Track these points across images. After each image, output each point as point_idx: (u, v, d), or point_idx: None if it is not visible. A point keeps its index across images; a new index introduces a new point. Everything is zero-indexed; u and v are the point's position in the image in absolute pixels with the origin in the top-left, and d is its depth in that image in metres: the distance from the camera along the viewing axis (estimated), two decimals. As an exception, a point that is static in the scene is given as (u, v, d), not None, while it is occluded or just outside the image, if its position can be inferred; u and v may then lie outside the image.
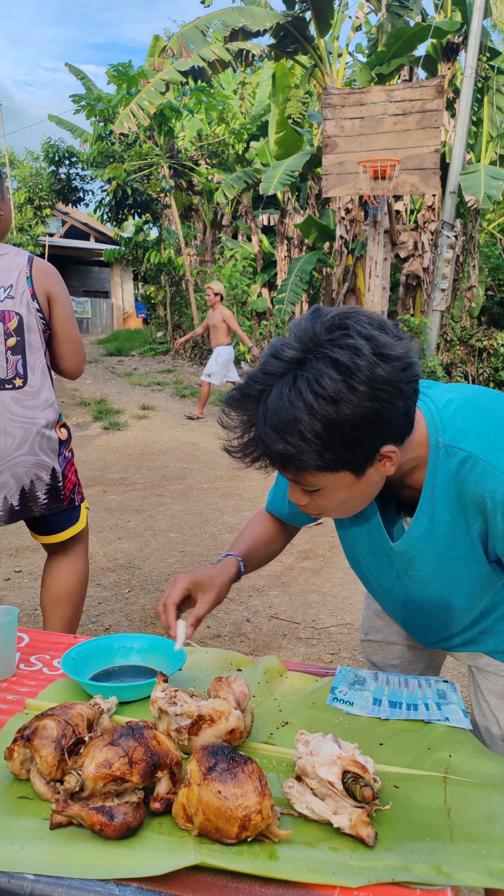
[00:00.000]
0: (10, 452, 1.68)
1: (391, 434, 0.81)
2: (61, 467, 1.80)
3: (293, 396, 0.76)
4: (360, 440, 0.78)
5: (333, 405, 0.75)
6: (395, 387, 0.78)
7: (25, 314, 1.70)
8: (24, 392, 1.69)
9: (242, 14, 10.02)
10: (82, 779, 0.77)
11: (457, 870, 0.70)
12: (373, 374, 0.76)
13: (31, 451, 1.71)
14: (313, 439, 0.77)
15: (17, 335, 1.67)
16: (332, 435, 0.77)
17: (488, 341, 10.72)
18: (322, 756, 0.79)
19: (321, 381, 0.75)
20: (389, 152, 8.49)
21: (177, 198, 11.93)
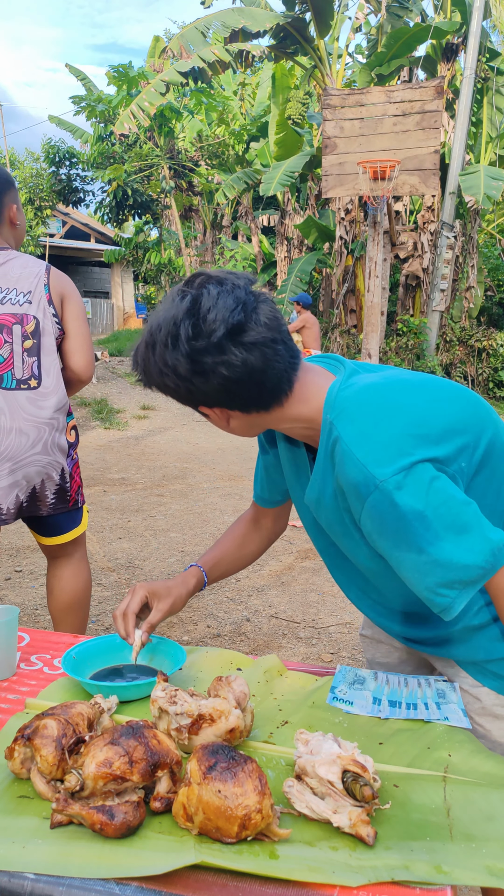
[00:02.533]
0: (25, 451, 1.73)
1: (200, 401, 0.91)
2: (69, 468, 1.85)
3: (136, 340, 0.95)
4: (164, 391, 0.92)
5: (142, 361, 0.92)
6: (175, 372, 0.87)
7: (42, 318, 1.77)
8: (39, 393, 1.75)
9: (242, 15, 10.03)
10: (83, 778, 0.77)
11: (456, 869, 0.70)
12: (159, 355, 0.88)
13: (45, 450, 1.75)
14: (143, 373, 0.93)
15: (33, 338, 1.75)
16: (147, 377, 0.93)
17: (487, 341, 10.73)
18: (322, 755, 0.79)
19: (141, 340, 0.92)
20: (389, 153, 8.49)
21: (177, 198, 11.94)
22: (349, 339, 10.91)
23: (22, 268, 1.78)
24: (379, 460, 0.83)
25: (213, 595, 3.20)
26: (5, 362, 1.72)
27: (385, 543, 0.87)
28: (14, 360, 1.72)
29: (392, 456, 0.83)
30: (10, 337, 1.73)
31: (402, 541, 0.84)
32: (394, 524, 0.84)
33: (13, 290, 1.76)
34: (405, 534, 0.83)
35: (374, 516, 0.85)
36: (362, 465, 0.84)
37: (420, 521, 0.82)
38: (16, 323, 1.74)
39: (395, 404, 0.88)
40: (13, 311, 1.74)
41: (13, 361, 1.72)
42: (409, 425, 0.86)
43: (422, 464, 0.83)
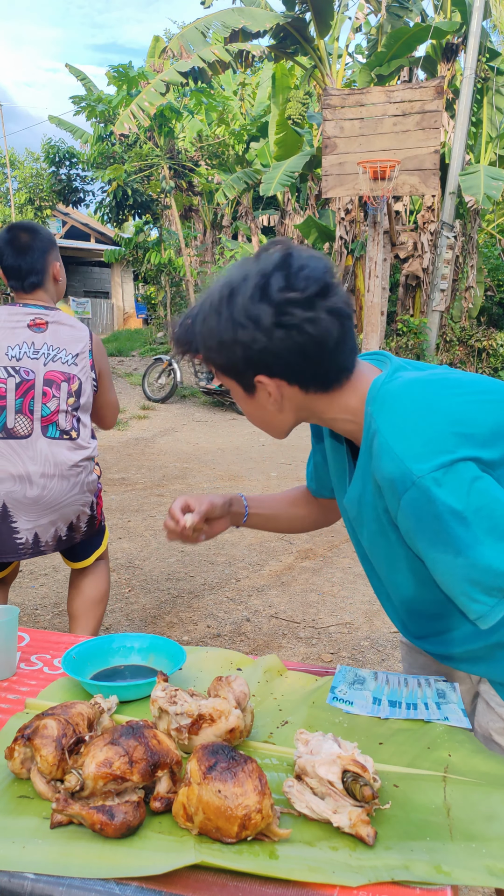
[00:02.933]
0: (65, 494, 1.94)
1: (263, 369, 0.87)
2: (95, 498, 2.07)
3: (200, 302, 0.91)
4: (224, 358, 0.88)
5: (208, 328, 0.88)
6: (257, 323, 0.83)
7: (84, 380, 2.00)
8: (77, 444, 1.96)
9: (242, 15, 10.03)
10: (83, 778, 0.77)
11: (456, 869, 0.70)
12: (235, 324, 0.84)
13: (80, 491, 1.97)
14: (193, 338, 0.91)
15: (76, 396, 1.97)
16: (205, 347, 0.89)
17: (487, 341, 10.73)
18: (322, 755, 0.79)
19: (213, 294, 0.88)
20: (389, 153, 8.49)
21: (177, 198, 11.93)
22: (349, 339, 10.91)
23: (70, 331, 1.99)
24: (418, 455, 0.80)
25: (213, 595, 3.20)
26: (51, 414, 1.91)
27: (422, 543, 0.84)
28: (59, 413, 1.91)
29: (432, 452, 0.80)
30: (58, 392, 1.92)
31: (438, 541, 0.81)
32: (431, 523, 0.80)
33: (63, 351, 1.96)
34: (442, 534, 0.80)
35: (410, 514, 0.82)
36: (400, 460, 0.81)
37: (459, 521, 0.79)
38: (63, 381, 1.93)
39: (440, 401, 0.84)
40: (62, 370, 1.94)
41: (58, 415, 1.91)
42: (454, 423, 0.82)
43: (464, 462, 0.79)
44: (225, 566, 3.58)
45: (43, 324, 1.95)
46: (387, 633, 2.84)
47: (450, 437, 0.81)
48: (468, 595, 0.83)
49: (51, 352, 1.94)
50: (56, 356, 1.94)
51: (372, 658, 2.61)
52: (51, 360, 1.93)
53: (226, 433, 7.79)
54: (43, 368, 1.92)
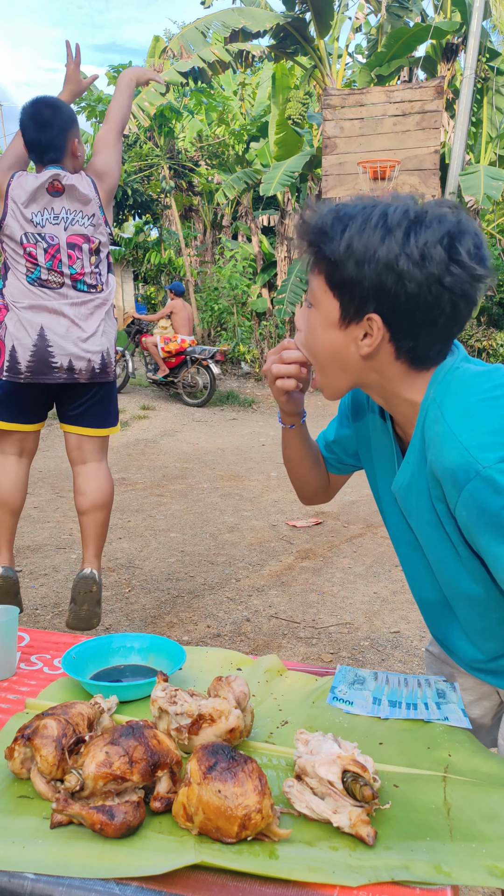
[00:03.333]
0: (92, 336, 2.22)
1: (385, 308, 0.83)
2: (114, 348, 2.32)
3: (361, 207, 0.85)
4: (358, 275, 0.82)
5: (367, 237, 0.82)
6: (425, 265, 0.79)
7: (102, 237, 2.24)
8: (103, 296, 2.24)
9: (242, 15, 10.03)
10: (83, 778, 0.77)
11: (456, 869, 0.70)
12: (404, 250, 0.80)
13: (108, 330, 2.29)
14: (347, 240, 0.83)
15: (96, 254, 2.22)
16: (348, 251, 0.82)
17: (487, 342, 10.74)
18: (322, 755, 0.79)
19: (386, 210, 0.83)
20: (389, 153, 8.50)
21: (177, 198, 11.94)
22: (349, 339, 10.93)
23: (83, 192, 2.16)
24: (484, 445, 0.77)
25: (213, 595, 3.20)
26: (77, 274, 2.18)
27: (483, 537, 0.80)
28: (84, 273, 2.18)
29: (500, 443, 0.77)
30: (81, 254, 2.17)
31: (501, 534, 0.77)
32: (495, 515, 0.77)
33: (79, 213, 2.17)
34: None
35: (472, 505, 0.79)
36: (464, 449, 0.78)
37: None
38: (84, 243, 2.18)
39: None
40: (81, 233, 2.18)
41: (84, 274, 2.18)
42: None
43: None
44: (225, 566, 3.58)
45: (61, 188, 2.13)
46: (387, 633, 2.84)
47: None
48: None
49: (69, 216, 2.15)
50: (74, 220, 2.16)
51: (372, 658, 2.61)
52: (70, 223, 2.15)
53: (226, 433, 7.79)
54: (64, 234, 2.14)
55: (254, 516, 4.48)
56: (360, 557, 3.72)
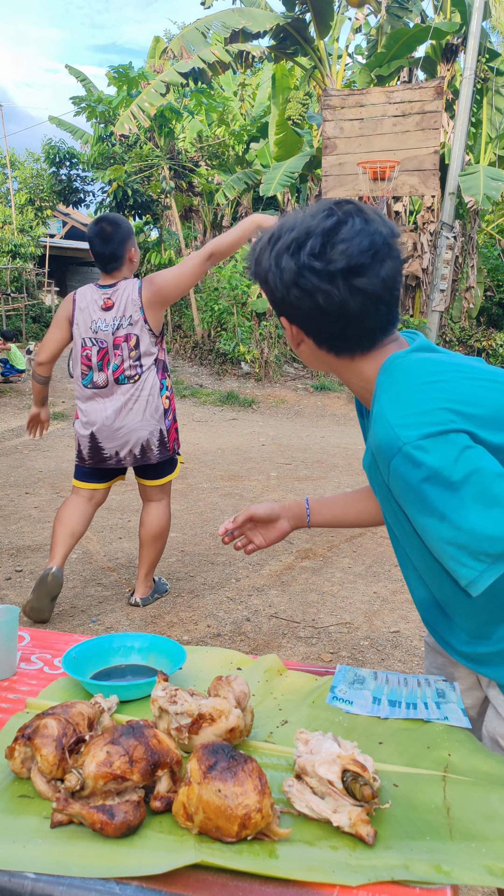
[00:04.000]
0: (136, 422, 2.71)
1: (281, 311, 0.94)
2: (167, 428, 2.78)
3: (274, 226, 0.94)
4: (265, 289, 0.94)
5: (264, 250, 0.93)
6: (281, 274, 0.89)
7: (140, 333, 2.67)
8: (138, 386, 2.70)
9: (242, 15, 10.04)
10: (83, 777, 0.77)
11: (456, 868, 0.70)
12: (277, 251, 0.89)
13: (148, 417, 2.72)
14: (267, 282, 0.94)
15: (136, 348, 2.68)
16: (255, 270, 0.95)
17: (487, 342, 10.74)
18: (322, 755, 0.79)
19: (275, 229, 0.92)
20: (389, 153, 8.50)
21: (177, 199, 11.94)
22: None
23: (129, 299, 2.65)
24: (408, 424, 0.81)
25: (213, 595, 3.20)
26: (118, 368, 2.68)
27: (410, 508, 0.85)
28: (124, 366, 2.68)
29: (423, 423, 0.81)
30: (121, 352, 2.67)
31: (424, 506, 0.81)
32: (416, 488, 0.81)
33: (125, 318, 2.66)
34: (427, 498, 0.81)
35: (397, 479, 0.83)
36: (390, 426, 0.83)
37: (444, 485, 0.79)
38: (124, 341, 2.67)
39: (445, 379, 0.85)
40: (124, 333, 2.67)
41: (124, 368, 2.68)
42: (454, 401, 0.82)
43: (457, 433, 0.80)
44: (225, 566, 3.58)
45: (111, 304, 2.67)
46: (387, 632, 2.84)
47: (444, 413, 0.82)
48: (456, 560, 0.83)
49: (115, 322, 2.66)
50: (120, 324, 2.66)
51: (372, 658, 2.61)
52: (116, 328, 2.67)
53: (226, 433, 7.79)
54: (111, 337, 2.67)
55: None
56: (360, 557, 3.72)
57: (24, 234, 15.21)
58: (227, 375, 10.66)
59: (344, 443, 7.33)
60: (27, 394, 8.92)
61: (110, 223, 2.62)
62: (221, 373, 10.63)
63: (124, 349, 2.67)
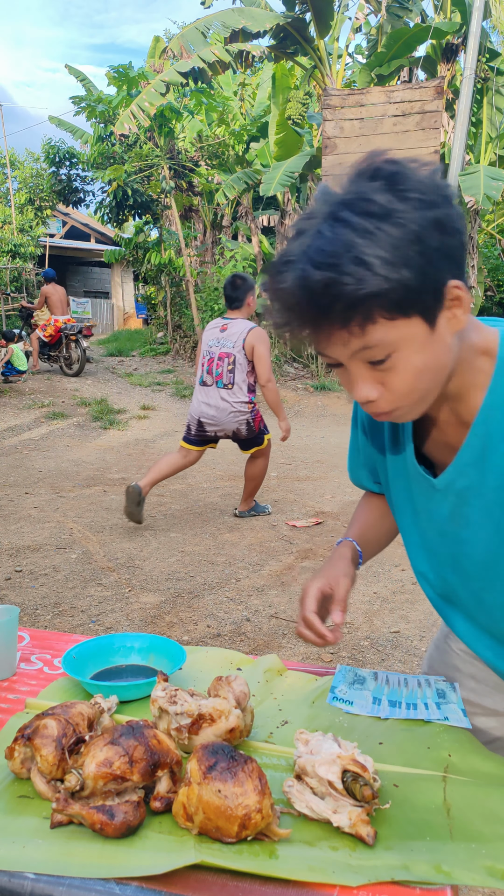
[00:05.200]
0: (226, 417, 3.97)
1: (455, 267, 0.68)
2: (252, 420, 4.02)
3: (337, 228, 0.65)
4: (424, 258, 0.65)
5: (388, 219, 0.64)
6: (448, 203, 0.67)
7: (237, 355, 3.96)
8: (232, 391, 3.96)
9: (242, 15, 10.03)
10: (83, 778, 0.77)
11: (456, 869, 0.70)
12: (423, 182, 0.66)
13: (234, 416, 3.97)
14: (373, 259, 0.63)
15: (232, 364, 3.96)
16: (394, 252, 0.64)
17: (488, 342, 10.73)
18: (322, 755, 0.79)
19: (365, 201, 0.64)
20: (389, 153, 8.49)
21: (177, 199, 11.93)
22: (349, 340, 10.92)
23: (238, 330, 3.96)
24: None
25: (213, 595, 3.20)
26: (219, 375, 3.95)
27: None
28: (223, 374, 3.94)
29: None
30: (222, 364, 3.95)
31: None
32: None
33: (229, 340, 3.96)
34: None
35: None
36: None
37: None
38: (225, 357, 3.95)
39: None
40: (225, 351, 3.95)
41: (223, 375, 3.94)
42: None
43: None
44: (225, 566, 3.58)
45: (225, 327, 4.01)
46: (387, 632, 2.84)
47: None
48: None
49: (222, 342, 3.96)
50: (224, 343, 3.96)
51: (372, 658, 2.61)
52: (222, 346, 3.96)
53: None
54: (218, 350, 3.96)
55: (254, 516, 4.48)
56: (360, 557, 3.73)
57: (23, 234, 15.21)
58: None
59: (344, 443, 7.33)
60: (27, 394, 8.93)
61: (241, 278, 4.02)
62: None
63: (224, 363, 3.93)
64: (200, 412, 3.99)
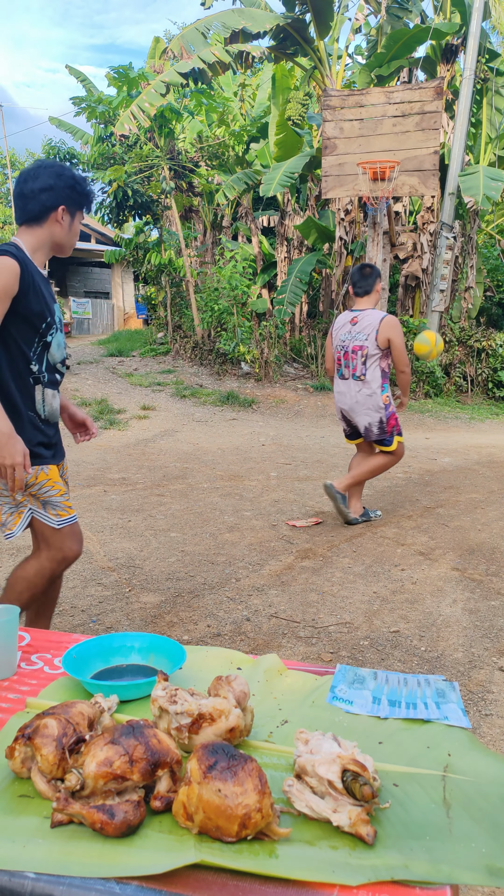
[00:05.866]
0: (361, 407, 4.02)
1: None
2: (386, 418, 4.03)
3: None
4: None
5: None
6: None
7: (370, 348, 3.97)
8: (365, 382, 4.02)
9: (242, 16, 10.04)
10: (83, 777, 0.77)
11: (456, 868, 0.70)
12: None
13: (367, 408, 4.03)
14: None
15: (365, 357, 3.98)
16: None
17: (487, 342, 10.74)
18: (322, 754, 0.79)
19: None
20: (388, 154, 8.50)
21: (177, 199, 11.94)
22: (349, 340, 10.93)
23: (369, 322, 3.95)
24: None
25: (213, 594, 3.20)
26: (354, 368, 4.01)
27: None
28: (357, 367, 4.00)
29: None
30: (356, 357, 3.99)
31: None
32: None
33: (361, 333, 3.97)
34: None
35: None
36: None
37: None
38: (359, 350, 3.98)
39: None
40: (359, 344, 3.98)
41: (357, 368, 4.00)
42: None
43: None
44: (225, 566, 3.58)
45: (355, 320, 4.00)
46: (386, 632, 2.84)
47: None
48: None
49: (354, 335, 3.99)
50: (357, 337, 3.98)
51: (372, 658, 2.61)
52: (354, 339, 3.99)
53: (226, 433, 7.79)
54: (351, 344, 4.00)
55: (254, 516, 4.48)
56: (360, 557, 3.72)
57: (24, 235, 15.16)
58: (227, 375, 10.66)
59: (344, 443, 7.33)
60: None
61: (369, 266, 4.09)
62: (221, 373, 10.63)
63: (358, 356, 4.00)
64: (341, 404, 4.15)
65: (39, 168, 1.90)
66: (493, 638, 2.79)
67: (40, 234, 1.92)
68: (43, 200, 1.87)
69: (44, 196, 1.86)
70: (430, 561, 3.70)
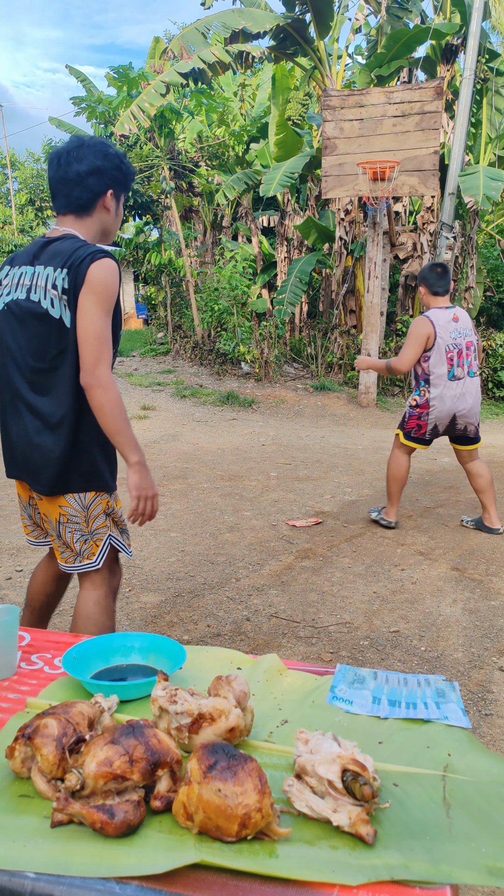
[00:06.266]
0: (476, 406, 3.95)
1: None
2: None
3: None
4: None
5: None
6: None
7: (476, 342, 3.96)
8: (479, 377, 4.18)
9: (242, 16, 10.04)
10: (83, 777, 0.77)
11: (456, 868, 0.70)
12: None
13: (479, 405, 3.97)
14: None
15: (476, 351, 3.94)
16: None
17: (487, 342, 10.74)
18: (322, 754, 0.79)
19: None
20: (388, 154, 8.50)
21: (177, 199, 11.94)
22: (349, 340, 10.92)
23: (465, 317, 3.96)
24: None
25: (213, 594, 3.20)
26: (470, 365, 3.92)
27: None
28: (473, 364, 3.94)
29: None
30: (470, 353, 3.92)
31: None
32: None
33: (467, 328, 3.93)
34: None
35: None
36: None
37: None
38: (471, 346, 3.93)
39: None
40: (469, 340, 3.93)
41: (473, 365, 3.93)
42: None
43: None
44: (225, 566, 3.58)
45: (455, 317, 3.92)
46: (386, 632, 2.84)
47: None
48: None
49: (462, 331, 3.91)
50: (464, 333, 3.92)
51: (372, 658, 2.61)
52: (464, 336, 3.92)
53: (226, 433, 7.79)
54: (463, 341, 3.91)
55: (254, 516, 4.48)
56: (360, 557, 3.72)
57: (24, 235, 15.21)
58: (227, 375, 10.66)
59: (344, 443, 7.34)
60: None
61: (445, 268, 4.02)
62: (221, 373, 10.62)
63: (472, 351, 3.96)
64: (456, 407, 3.89)
65: (82, 147, 1.62)
66: (493, 638, 2.79)
67: (91, 225, 1.62)
68: (91, 186, 1.59)
69: (92, 181, 1.59)
70: (429, 561, 3.70)
